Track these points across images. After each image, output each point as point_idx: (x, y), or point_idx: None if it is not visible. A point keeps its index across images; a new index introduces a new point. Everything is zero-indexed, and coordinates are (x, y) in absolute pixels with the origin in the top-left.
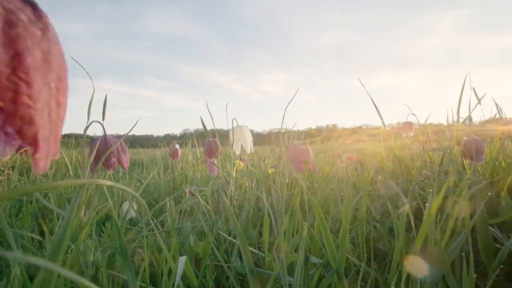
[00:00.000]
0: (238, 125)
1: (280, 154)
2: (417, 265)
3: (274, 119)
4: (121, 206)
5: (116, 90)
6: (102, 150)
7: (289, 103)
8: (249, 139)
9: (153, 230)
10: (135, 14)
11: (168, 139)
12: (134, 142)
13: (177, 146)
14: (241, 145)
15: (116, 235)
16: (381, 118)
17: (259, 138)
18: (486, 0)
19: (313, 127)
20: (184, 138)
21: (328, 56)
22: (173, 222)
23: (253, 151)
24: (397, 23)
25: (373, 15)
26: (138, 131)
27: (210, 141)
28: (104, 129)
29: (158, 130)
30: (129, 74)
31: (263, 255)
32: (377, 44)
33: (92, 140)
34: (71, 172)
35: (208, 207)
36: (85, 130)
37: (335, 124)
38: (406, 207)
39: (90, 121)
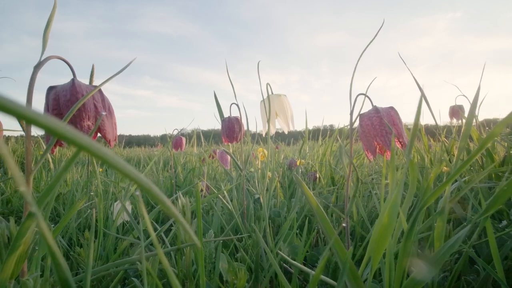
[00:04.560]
0: (272, 93)
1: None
2: None
3: None
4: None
5: (110, 89)
6: (66, 105)
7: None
8: (290, 112)
9: (152, 244)
10: (130, 13)
11: (165, 139)
12: (131, 141)
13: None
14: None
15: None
16: (432, 114)
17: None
18: (477, 3)
19: (310, 127)
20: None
21: (323, 57)
22: (200, 233)
23: (293, 128)
24: (392, 25)
25: (367, 17)
26: (134, 131)
27: (231, 118)
28: (72, 69)
29: (155, 131)
30: (124, 74)
31: None
32: (372, 45)
33: (49, 88)
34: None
35: (232, 209)
36: (36, 68)
37: (332, 124)
38: None
39: (44, 56)
